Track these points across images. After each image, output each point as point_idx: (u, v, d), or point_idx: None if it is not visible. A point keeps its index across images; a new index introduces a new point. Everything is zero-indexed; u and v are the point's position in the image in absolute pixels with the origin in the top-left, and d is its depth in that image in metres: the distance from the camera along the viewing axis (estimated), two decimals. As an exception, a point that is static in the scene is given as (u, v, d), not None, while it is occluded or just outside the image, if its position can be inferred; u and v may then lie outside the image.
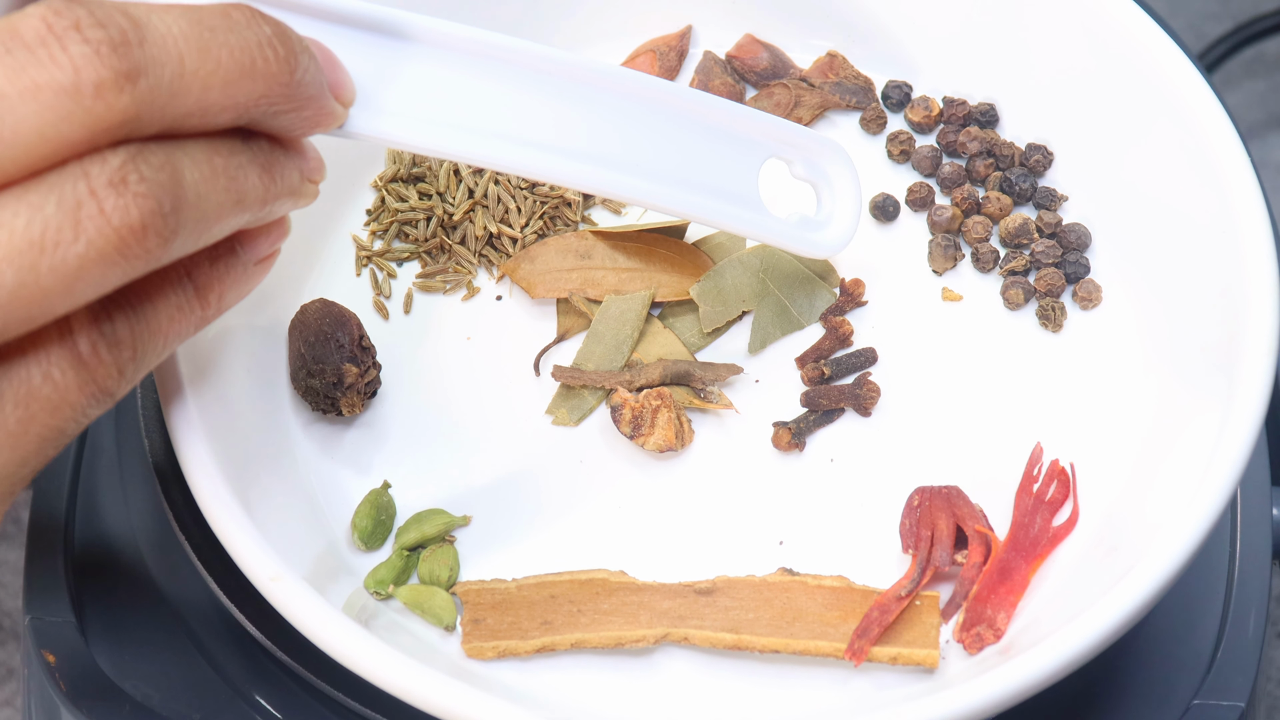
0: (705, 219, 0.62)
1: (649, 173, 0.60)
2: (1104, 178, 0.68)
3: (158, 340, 0.49)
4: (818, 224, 0.65)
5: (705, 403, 0.64)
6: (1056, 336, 0.66)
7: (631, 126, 0.60)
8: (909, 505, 0.62)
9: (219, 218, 0.48)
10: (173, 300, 0.50)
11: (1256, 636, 0.65)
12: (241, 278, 0.52)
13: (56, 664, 0.64)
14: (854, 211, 0.65)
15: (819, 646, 0.59)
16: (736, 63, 0.72)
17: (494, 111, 0.57)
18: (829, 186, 0.65)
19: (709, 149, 0.62)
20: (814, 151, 0.65)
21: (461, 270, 0.68)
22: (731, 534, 0.62)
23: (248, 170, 0.49)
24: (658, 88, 0.60)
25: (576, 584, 0.61)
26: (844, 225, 0.65)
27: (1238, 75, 0.97)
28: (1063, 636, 0.56)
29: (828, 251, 0.65)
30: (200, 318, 0.51)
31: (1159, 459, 0.62)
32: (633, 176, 0.60)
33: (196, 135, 0.48)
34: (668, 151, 0.60)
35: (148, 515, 0.68)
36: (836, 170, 0.65)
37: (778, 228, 0.64)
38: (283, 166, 0.51)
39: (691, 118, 0.61)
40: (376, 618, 0.60)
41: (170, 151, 0.47)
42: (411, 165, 0.69)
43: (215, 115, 0.48)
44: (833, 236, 0.65)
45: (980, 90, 0.71)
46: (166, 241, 0.47)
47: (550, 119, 0.58)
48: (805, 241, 0.64)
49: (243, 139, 0.49)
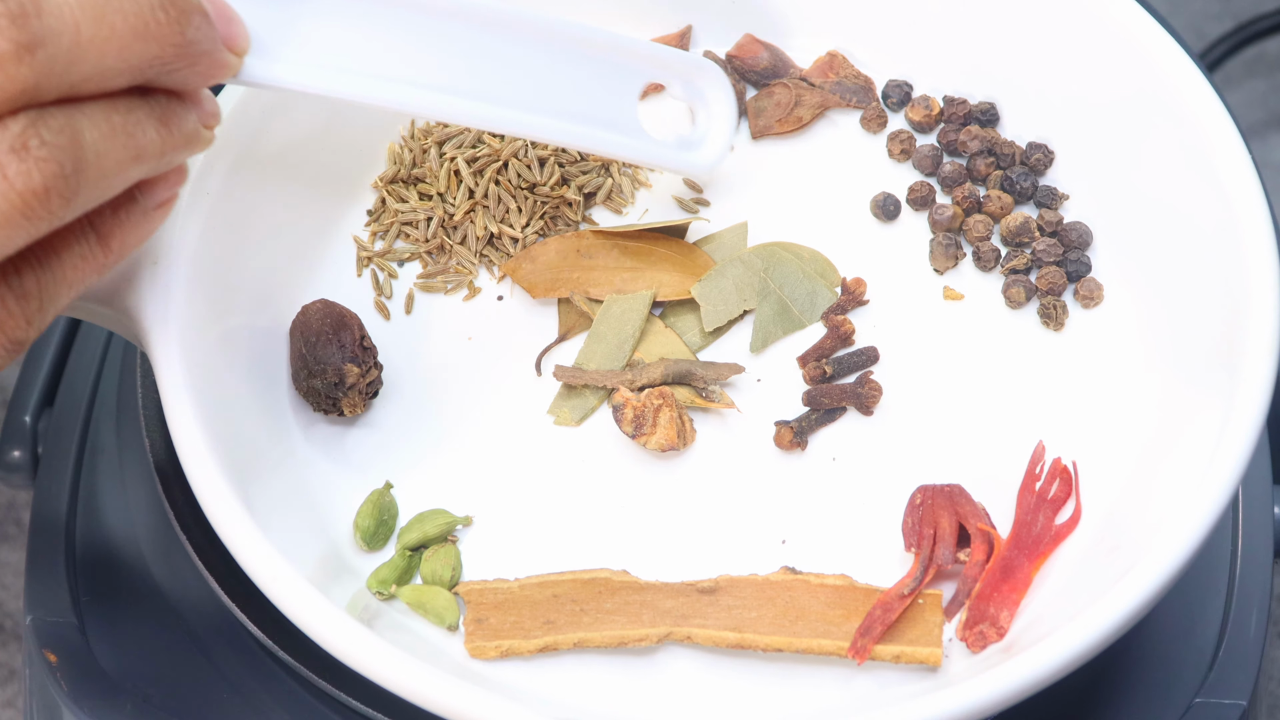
0: (585, 146, 0.64)
1: (532, 106, 0.63)
2: (1105, 176, 0.68)
3: (63, 289, 0.52)
4: (694, 143, 0.68)
5: (707, 402, 0.64)
6: (1058, 335, 0.66)
7: (514, 62, 0.62)
8: (911, 504, 0.62)
9: (119, 173, 0.51)
10: (77, 250, 0.52)
11: (1258, 635, 0.65)
12: (142, 223, 0.54)
13: (58, 664, 0.64)
14: (729, 128, 0.68)
15: (822, 645, 0.59)
16: (737, 62, 0.72)
17: (384, 55, 0.59)
18: (705, 105, 0.68)
19: (589, 78, 0.64)
20: (689, 73, 0.67)
21: (462, 270, 0.68)
22: (734, 533, 0.62)
23: (145, 125, 0.51)
24: (536, 22, 0.62)
25: (579, 583, 0.61)
26: (718, 142, 0.68)
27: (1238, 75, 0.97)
28: (1065, 634, 0.56)
29: (703, 169, 0.68)
30: (103, 264, 0.53)
31: (1161, 457, 0.62)
32: (516, 110, 0.62)
33: (95, 97, 0.50)
34: (549, 84, 0.63)
35: (149, 515, 0.68)
36: (712, 89, 0.67)
37: (655, 150, 0.66)
38: (180, 119, 0.53)
39: (572, 49, 0.63)
40: (379, 618, 0.60)
41: (69, 115, 0.49)
42: (412, 166, 0.69)
43: (112, 78, 0.50)
44: (708, 154, 0.68)
45: (981, 89, 0.71)
46: (69, 201, 0.49)
47: (437, 59, 0.60)
48: (681, 161, 0.67)
49: (140, 95, 0.51)
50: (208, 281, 0.62)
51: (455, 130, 0.69)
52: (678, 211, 0.69)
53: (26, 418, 0.72)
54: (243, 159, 0.64)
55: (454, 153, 0.68)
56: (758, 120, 0.71)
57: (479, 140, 0.69)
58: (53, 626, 0.65)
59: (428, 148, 0.69)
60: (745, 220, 0.69)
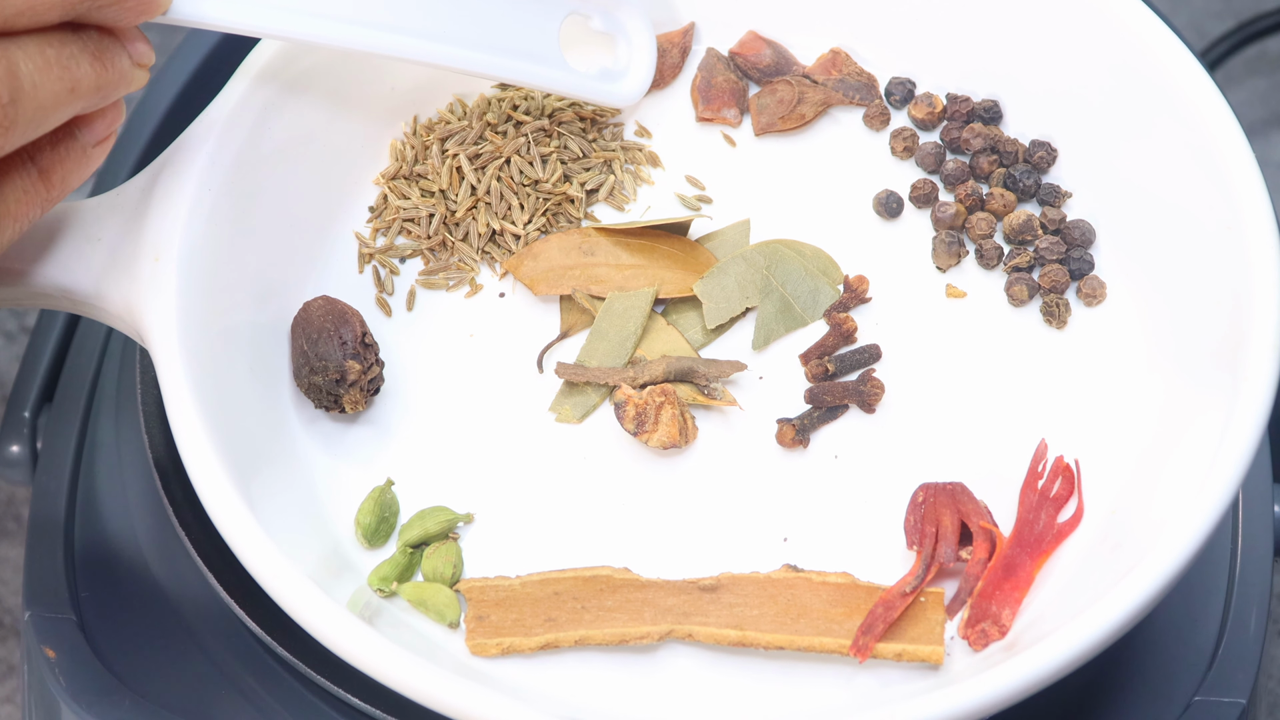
0: (506, 77, 0.66)
1: (452, 38, 0.64)
2: (1108, 174, 0.68)
3: (7, 223, 0.54)
4: (617, 74, 0.69)
5: (709, 399, 0.64)
6: (1060, 333, 0.66)
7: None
8: (913, 501, 0.62)
9: (55, 105, 0.53)
10: (19, 184, 0.55)
11: (1258, 633, 0.65)
12: (82, 160, 0.57)
13: (57, 659, 0.64)
14: (649, 60, 0.70)
15: (823, 643, 0.59)
16: (740, 59, 0.72)
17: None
18: (626, 38, 0.70)
19: (509, 9, 0.66)
20: (610, 5, 0.69)
21: (464, 267, 0.68)
22: (736, 530, 0.62)
23: (79, 59, 0.54)
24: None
25: (580, 581, 0.61)
26: (640, 74, 0.69)
27: (1240, 73, 0.97)
28: (1067, 633, 0.56)
29: (625, 100, 0.69)
30: (45, 199, 0.56)
31: (1163, 456, 0.62)
32: (436, 43, 0.64)
33: (28, 31, 0.52)
34: (468, 15, 0.65)
35: (148, 511, 0.68)
36: (632, 21, 0.69)
37: (577, 81, 0.68)
38: (113, 54, 0.55)
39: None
40: (380, 615, 0.60)
41: (4, 47, 0.52)
42: (414, 163, 0.69)
43: (44, 13, 0.52)
44: (630, 86, 0.69)
45: (984, 87, 0.71)
46: (8, 131, 0.52)
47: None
48: (604, 93, 0.69)
49: (73, 30, 0.54)
50: (209, 278, 0.62)
51: (458, 127, 0.69)
52: (680, 208, 0.69)
53: (26, 413, 0.72)
54: (244, 155, 0.64)
55: (456, 149, 0.68)
56: (761, 117, 0.70)
57: (481, 137, 0.69)
58: (51, 622, 0.65)
59: (430, 144, 0.69)
60: (748, 217, 0.69)
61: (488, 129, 0.69)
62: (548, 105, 0.69)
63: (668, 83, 0.72)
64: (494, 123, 0.69)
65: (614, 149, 0.70)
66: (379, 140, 0.70)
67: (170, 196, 0.62)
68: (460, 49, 0.65)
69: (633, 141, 0.70)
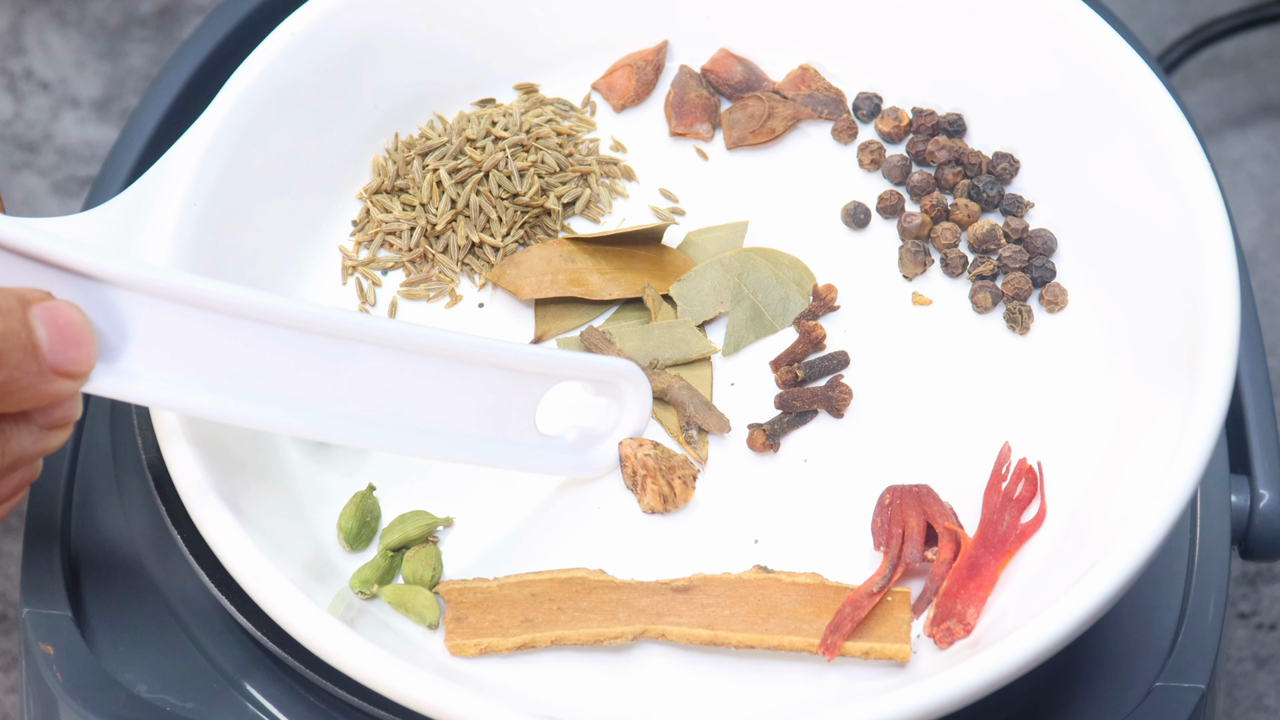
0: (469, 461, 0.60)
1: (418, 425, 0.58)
2: (1068, 184, 0.69)
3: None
4: (598, 435, 0.63)
5: (684, 442, 0.65)
6: (1024, 339, 0.67)
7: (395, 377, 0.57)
8: (880, 504, 0.63)
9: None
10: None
11: (1216, 620, 0.66)
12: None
13: (54, 656, 0.65)
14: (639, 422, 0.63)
15: (793, 642, 0.60)
16: (711, 76, 0.73)
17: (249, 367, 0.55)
18: (619, 401, 0.63)
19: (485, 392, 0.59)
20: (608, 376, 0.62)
21: (445, 279, 0.69)
22: (708, 533, 0.63)
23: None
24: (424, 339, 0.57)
25: (556, 583, 0.62)
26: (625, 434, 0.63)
27: (1195, 76, 0.98)
28: (1030, 630, 0.57)
29: (605, 469, 0.63)
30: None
31: (1124, 456, 0.63)
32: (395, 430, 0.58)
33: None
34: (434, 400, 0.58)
35: (142, 511, 0.68)
36: (629, 386, 0.63)
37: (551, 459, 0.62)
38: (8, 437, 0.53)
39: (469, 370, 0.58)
40: (362, 616, 0.61)
41: None
42: (395, 178, 0.70)
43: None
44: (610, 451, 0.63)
45: (948, 101, 0.72)
46: None
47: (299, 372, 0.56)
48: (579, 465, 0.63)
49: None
50: (195, 290, 0.63)
51: (438, 142, 0.70)
52: (654, 219, 0.71)
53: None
54: (229, 171, 0.66)
55: (436, 164, 0.70)
56: (732, 131, 0.72)
57: (461, 152, 0.70)
58: (48, 619, 0.65)
59: (411, 159, 0.70)
60: (748, 220, 0.70)
61: (467, 144, 0.70)
62: (525, 122, 0.71)
63: (642, 99, 0.73)
64: (473, 138, 0.70)
65: (590, 163, 0.71)
66: (361, 156, 0.71)
67: (158, 211, 0.63)
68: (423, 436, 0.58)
69: (608, 156, 0.72)
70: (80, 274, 0.53)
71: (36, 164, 0.97)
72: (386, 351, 0.57)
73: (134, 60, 0.99)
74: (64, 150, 0.97)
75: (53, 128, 0.97)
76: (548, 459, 0.62)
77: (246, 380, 0.55)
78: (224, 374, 0.55)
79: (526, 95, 0.73)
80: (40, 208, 0.96)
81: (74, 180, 0.96)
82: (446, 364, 0.58)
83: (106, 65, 0.99)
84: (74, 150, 0.97)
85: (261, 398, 0.56)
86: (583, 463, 0.63)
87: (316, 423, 0.57)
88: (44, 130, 0.97)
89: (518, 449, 0.61)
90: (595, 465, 0.64)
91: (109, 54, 0.99)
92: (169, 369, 0.54)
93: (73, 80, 0.99)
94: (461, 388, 0.58)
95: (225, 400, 0.55)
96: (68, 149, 0.97)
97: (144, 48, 1.00)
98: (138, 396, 0.55)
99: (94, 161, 0.97)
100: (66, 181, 0.96)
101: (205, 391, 0.55)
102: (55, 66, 0.99)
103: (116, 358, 0.54)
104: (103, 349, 0.54)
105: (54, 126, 0.98)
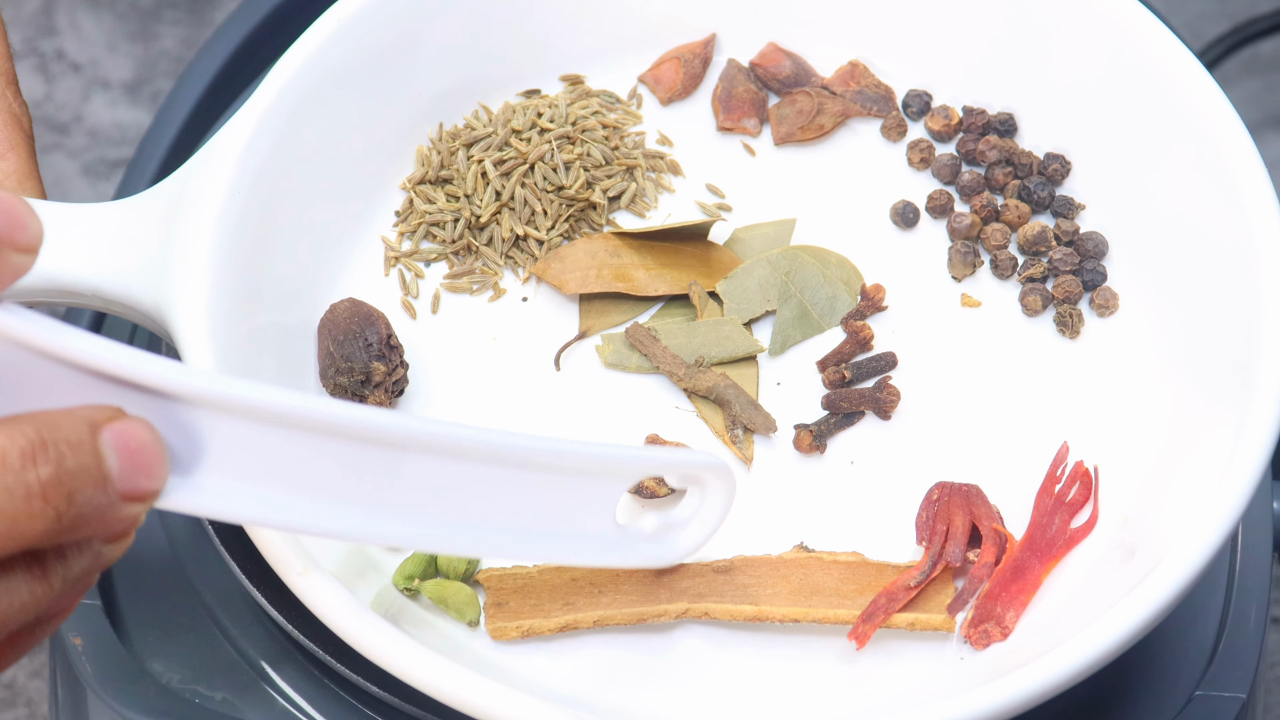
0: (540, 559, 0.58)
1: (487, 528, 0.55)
2: (1121, 186, 0.68)
3: None
4: (678, 524, 0.60)
5: (729, 442, 0.64)
6: (1074, 343, 0.67)
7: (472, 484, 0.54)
8: (928, 498, 0.63)
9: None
10: None
11: (1258, 628, 0.66)
12: None
13: (83, 647, 0.65)
14: (721, 512, 0.60)
15: (838, 615, 0.60)
16: (759, 70, 0.72)
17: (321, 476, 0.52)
18: (700, 490, 0.60)
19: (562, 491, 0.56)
20: (693, 470, 0.59)
21: (488, 271, 0.69)
22: (752, 534, 0.63)
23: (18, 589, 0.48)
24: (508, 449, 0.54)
25: (596, 569, 0.61)
26: (706, 525, 0.60)
27: (1234, 75, 0.98)
28: (1081, 641, 0.56)
29: (684, 555, 0.60)
30: None
31: (1175, 466, 0.62)
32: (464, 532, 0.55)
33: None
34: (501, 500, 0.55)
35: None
36: (712, 475, 0.59)
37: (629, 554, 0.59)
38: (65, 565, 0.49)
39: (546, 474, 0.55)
40: (404, 613, 0.61)
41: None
42: (439, 168, 0.70)
43: None
44: (691, 536, 0.60)
45: (999, 100, 0.71)
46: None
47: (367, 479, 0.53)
48: (656, 556, 0.60)
49: None
50: (237, 279, 0.63)
51: (483, 133, 0.70)
52: (700, 216, 0.70)
53: (53, 410, 0.72)
54: (274, 159, 0.65)
55: (481, 155, 0.69)
56: (780, 127, 0.71)
57: (506, 143, 0.70)
58: (79, 610, 0.65)
59: (455, 150, 0.70)
60: (795, 217, 0.69)
61: (513, 135, 0.70)
62: (571, 113, 0.70)
63: (689, 93, 0.73)
64: (519, 129, 0.70)
65: (636, 157, 0.70)
66: (405, 146, 0.70)
67: (201, 198, 0.63)
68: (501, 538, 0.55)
69: (654, 150, 0.71)
70: (153, 391, 0.49)
71: (67, 145, 0.96)
72: (461, 462, 0.54)
73: (165, 42, 0.99)
74: (94, 132, 0.97)
75: (83, 109, 0.97)
76: (625, 552, 0.59)
77: (319, 490, 0.52)
78: (297, 484, 0.52)
79: (572, 87, 0.72)
80: (70, 189, 0.95)
81: (104, 162, 0.96)
82: (526, 473, 0.55)
83: (138, 47, 0.99)
84: (104, 132, 0.97)
85: (333, 508, 0.52)
86: (661, 553, 0.60)
87: (385, 529, 0.53)
88: (74, 112, 0.97)
89: (596, 543, 0.58)
90: (674, 553, 0.60)
91: (140, 36, 0.99)
92: (240, 481, 0.51)
93: (104, 62, 0.98)
94: (542, 492, 0.56)
95: (300, 512, 0.52)
96: (98, 131, 0.97)
97: (176, 30, 0.99)
98: (211, 511, 0.51)
99: (124, 144, 0.96)
100: (96, 164, 0.96)
101: (277, 503, 0.52)
102: (86, 48, 0.98)
103: (190, 473, 0.50)
104: (173, 464, 0.50)
105: (85, 108, 0.97)
